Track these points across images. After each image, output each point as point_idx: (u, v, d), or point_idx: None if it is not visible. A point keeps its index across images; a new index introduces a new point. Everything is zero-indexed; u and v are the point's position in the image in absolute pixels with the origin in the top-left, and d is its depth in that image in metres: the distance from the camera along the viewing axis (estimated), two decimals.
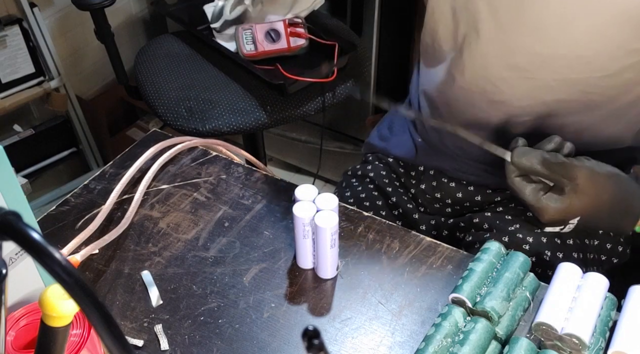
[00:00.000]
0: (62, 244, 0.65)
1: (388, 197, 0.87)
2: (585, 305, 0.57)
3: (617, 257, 0.79)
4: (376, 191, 0.88)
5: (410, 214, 0.86)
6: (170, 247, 0.69)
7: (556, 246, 0.76)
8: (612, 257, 0.79)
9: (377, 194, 0.88)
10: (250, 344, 0.59)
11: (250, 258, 0.68)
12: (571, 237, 0.77)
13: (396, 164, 0.90)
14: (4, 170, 0.47)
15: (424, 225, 0.87)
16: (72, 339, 0.48)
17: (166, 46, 1.39)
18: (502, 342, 0.57)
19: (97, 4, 1.23)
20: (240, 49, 1.23)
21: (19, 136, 1.69)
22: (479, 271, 0.60)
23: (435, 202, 0.87)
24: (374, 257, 0.67)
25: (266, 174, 0.79)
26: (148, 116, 2.00)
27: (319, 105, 1.23)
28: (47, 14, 1.65)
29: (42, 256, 0.27)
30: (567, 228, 0.63)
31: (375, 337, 0.59)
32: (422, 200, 0.88)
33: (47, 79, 1.68)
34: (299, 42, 1.23)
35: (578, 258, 0.76)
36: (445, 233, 0.86)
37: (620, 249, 0.79)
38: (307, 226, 0.61)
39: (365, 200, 0.87)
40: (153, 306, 0.63)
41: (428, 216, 0.87)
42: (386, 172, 0.90)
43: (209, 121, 1.17)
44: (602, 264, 0.78)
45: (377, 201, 0.87)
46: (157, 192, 0.76)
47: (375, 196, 0.88)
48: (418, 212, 0.87)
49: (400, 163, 0.90)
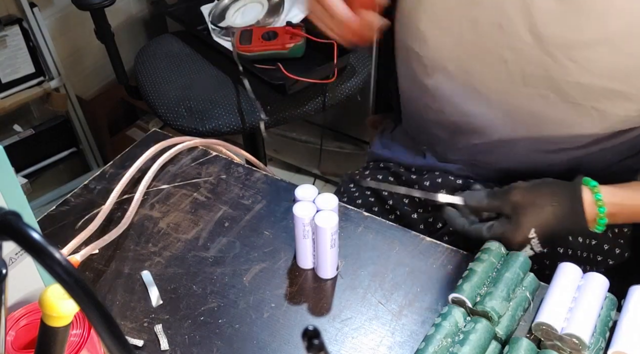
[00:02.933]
0: (62, 244, 0.65)
1: (385, 202, 0.88)
2: (585, 305, 0.57)
3: (613, 259, 0.79)
4: (373, 197, 0.88)
5: (407, 215, 0.87)
6: (170, 247, 0.69)
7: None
8: (608, 259, 0.79)
9: (374, 201, 0.88)
10: (250, 344, 0.59)
11: (250, 258, 0.68)
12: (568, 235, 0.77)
13: (397, 167, 0.90)
14: (4, 170, 0.47)
15: (422, 224, 0.87)
16: (72, 339, 0.48)
17: (166, 46, 1.39)
18: (502, 342, 0.57)
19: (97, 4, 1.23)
20: (236, 43, 1.23)
21: (19, 136, 1.69)
22: (479, 271, 0.60)
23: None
24: (374, 258, 0.67)
25: (266, 174, 0.79)
26: (148, 116, 2.00)
27: (319, 105, 1.23)
28: (47, 14, 1.65)
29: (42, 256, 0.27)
30: (535, 246, 0.65)
31: (375, 337, 0.59)
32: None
33: (47, 79, 1.68)
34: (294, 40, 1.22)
35: (573, 255, 0.77)
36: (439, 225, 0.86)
37: (618, 252, 0.79)
38: (307, 226, 0.61)
39: (362, 206, 0.88)
40: (153, 306, 0.63)
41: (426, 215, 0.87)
42: (383, 177, 0.90)
43: (209, 121, 1.17)
44: (596, 264, 0.79)
45: (373, 207, 0.87)
46: (157, 192, 0.76)
47: (372, 201, 0.88)
48: (416, 213, 0.87)
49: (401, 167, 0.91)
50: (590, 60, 0.61)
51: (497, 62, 0.68)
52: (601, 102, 0.64)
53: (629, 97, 0.62)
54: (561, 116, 0.68)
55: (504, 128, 0.74)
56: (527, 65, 0.66)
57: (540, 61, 0.64)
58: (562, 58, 0.62)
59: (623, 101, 0.63)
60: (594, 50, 0.60)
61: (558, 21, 0.61)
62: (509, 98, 0.70)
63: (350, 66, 1.27)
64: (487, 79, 0.70)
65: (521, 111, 0.70)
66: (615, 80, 0.61)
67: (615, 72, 0.61)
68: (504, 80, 0.68)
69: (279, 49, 1.23)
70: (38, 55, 1.63)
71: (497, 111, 0.72)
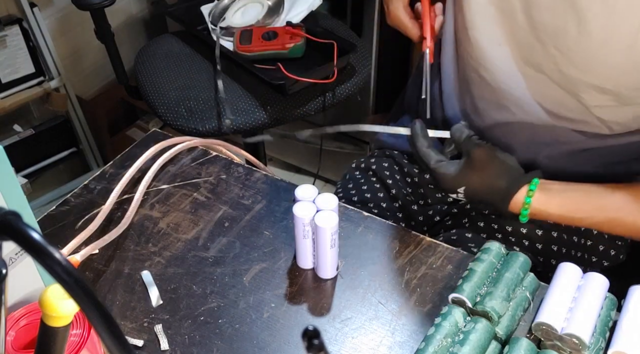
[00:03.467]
0: (62, 244, 0.65)
1: (389, 190, 0.88)
2: (586, 305, 0.57)
3: (609, 261, 0.79)
4: (378, 184, 0.90)
5: (408, 206, 0.87)
6: (170, 247, 0.69)
7: (550, 239, 0.77)
8: (603, 260, 0.79)
9: (379, 186, 0.89)
10: (250, 344, 0.59)
11: (250, 258, 0.68)
12: (565, 233, 0.78)
13: (401, 157, 0.91)
14: (4, 170, 0.47)
15: (422, 216, 0.87)
16: (72, 339, 0.48)
17: (166, 46, 1.39)
18: (502, 342, 0.57)
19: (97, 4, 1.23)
20: (236, 43, 1.23)
21: (19, 136, 1.69)
22: (479, 271, 0.60)
23: (437, 191, 0.88)
24: (374, 258, 0.67)
25: (266, 174, 0.79)
26: (148, 116, 2.00)
27: (319, 105, 1.23)
28: (47, 14, 1.65)
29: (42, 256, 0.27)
30: (459, 196, 0.68)
31: (375, 337, 0.59)
32: (424, 189, 0.88)
33: (47, 79, 1.68)
34: (294, 40, 1.22)
35: (567, 254, 0.78)
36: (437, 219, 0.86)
37: (613, 253, 0.79)
38: (307, 226, 0.61)
39: (367, 192, 0.89)
40: (153, 306, 0.63)
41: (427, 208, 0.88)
42: (389, 165, 0.91)
43: (209, 121, 1.17)
44: (591, 264, 0.79)
45: (379, 193, 0.89)
46: (157, 192, 0.76)
47: (377, 188, 0.89)
48: (416, 204, 0.88)
49: (404, 156, 0.91)
50: (572, 50, 0.62)
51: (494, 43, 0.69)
52: (580, 94, 0.64)
53: (605, 91, 0.62)
54: (552, 100, 0.68)
55: (500, 111, 0.73)
56: (519, 48, 0.67)
57: (531, 46, 0.65)
58: (550, 46, 0.63)
59: (600, 93, 0.63)
60: (576, 42, 0.61)
61: (549, 8, 0.62)
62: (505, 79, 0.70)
63: (350, 66, 1.27)
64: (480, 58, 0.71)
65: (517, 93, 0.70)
66: (592, 75, 0.62)
67: (594, 66, 0.61)
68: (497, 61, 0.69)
69: (279, 49, 1.23)
70: (38, 55, 1.63)
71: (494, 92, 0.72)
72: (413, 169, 0.89)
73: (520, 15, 0.65)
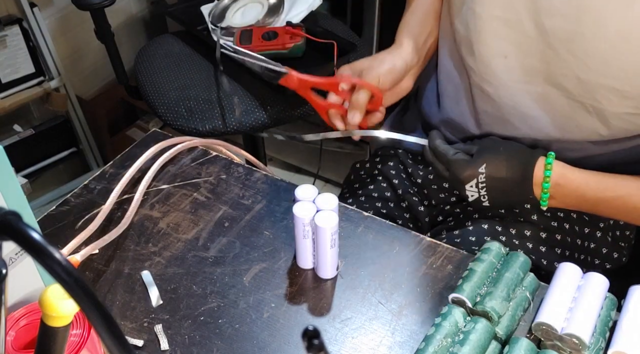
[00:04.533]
0: (62, 244, 0.65)
1: (395, 190, 0.88)
2: (586, 305, 0.57)
3: (611, 263, 0.79)
4: (384, 183, 0.89)
5: (415, 207, 0.87)
6: (170, 247, 0.69)
7: (553, 241, 0.77)
8: (606, 263, 0.79)
9: (386, 186, 0.89)
10: (250, 344, 0.59)
11: (250, 258, 0.68)
12: (568, 235, 0.77)
13: (405, 155, 0.91)
14: (4, 170, 0.47)
15: (427, 217, 0.87)
16: (72, 339, 0.48)
17: (166, 46, 1.39)
18: (502, 342, 0.57)
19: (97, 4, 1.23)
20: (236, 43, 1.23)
21: (19, 136, 1.69)
22: (479, 271, 0.60)
23: (440, 192, 0.88)
24: (374, 257, 0.67)
25: (266, 174, 0.79)
26: (148, 116, 2.00)
27: None
28: (47, 14, 1.65)
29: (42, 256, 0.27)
30: (481, 188, 0.70)
31: (375, 337, 0.59)
32: (427, 190, 0.88)
33: (47, 79, 1.68)
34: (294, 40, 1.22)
35: (570, 256, 0.78)
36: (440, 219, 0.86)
37: (616, 256, 0.79)
38: (307, 226, 0.61)
39: (374, 191, 0.88)
40: (153, 306, 0.63)
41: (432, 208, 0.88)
42: (394, 164, 0.91)
43: (209, 121, 1.17)
44: (594, 267, 0.79)
45: (386, 192, 0.88)
46: (157, 192, 0.76)
47: (384, 187, 0.89)
48: (422, 206, 0.88)
49: (409, 155, 0.91)
50: (589, 54, 0.61)
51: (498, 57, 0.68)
52: (599, 99, 0.64)
53: (625, 94, 0.62)
54: (560, 114, 0.68)
55: (504, 126, 0.74)
56: (527, 59, 0.66)
57: (542, 55, 0.64)
58: (562, 51, 0.63)
59: (620, 98, 0.62)
60: (592, 45, 0.60)
61: (561, 13, 0.61)
62: (509, 93, 0.70)
63: None
64: (484, 73, 0.71)
65: (522, 108, 0.70)
66: (611, 77, 0.61)
67: (613, 68, 0.61)
68: (502, 75, 0.69)
69: (279, 49, 1.23)
70: (38, 55, 1.63)
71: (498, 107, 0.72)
72: (417, 170, 0.89)
73: (528, 24, 0.64)
